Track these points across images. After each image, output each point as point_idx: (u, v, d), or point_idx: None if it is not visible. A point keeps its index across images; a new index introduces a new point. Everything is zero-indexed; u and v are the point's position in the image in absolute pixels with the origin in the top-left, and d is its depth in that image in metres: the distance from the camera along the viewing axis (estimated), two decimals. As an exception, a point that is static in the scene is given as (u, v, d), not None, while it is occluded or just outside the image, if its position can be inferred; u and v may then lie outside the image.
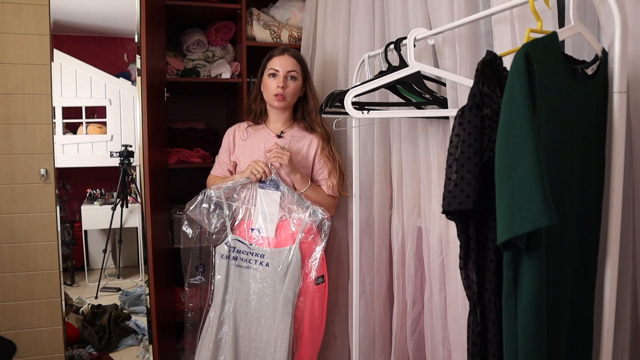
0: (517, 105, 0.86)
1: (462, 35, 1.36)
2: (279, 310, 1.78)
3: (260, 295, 1.83)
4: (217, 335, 1.82)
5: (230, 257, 1.85)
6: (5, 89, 2.14)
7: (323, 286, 1.89)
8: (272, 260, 1.82)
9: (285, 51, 1.86)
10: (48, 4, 2.17)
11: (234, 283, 1.85)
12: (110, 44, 4.87)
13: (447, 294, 1.49)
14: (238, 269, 1.85)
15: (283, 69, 1.83)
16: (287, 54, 1.86)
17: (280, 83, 1.82)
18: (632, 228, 1.06)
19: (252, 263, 1.84)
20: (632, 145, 1.03)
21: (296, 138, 1.91)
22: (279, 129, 1.93)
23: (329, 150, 1.90)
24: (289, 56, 1.85)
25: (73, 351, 2.80)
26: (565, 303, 1.00)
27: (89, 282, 4.32)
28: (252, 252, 1.84)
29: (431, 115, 1.51)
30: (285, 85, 1.83)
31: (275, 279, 1.81)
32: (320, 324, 1.90)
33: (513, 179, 0.85)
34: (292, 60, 1.85)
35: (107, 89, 4.44)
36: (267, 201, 1.82)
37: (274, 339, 1.78)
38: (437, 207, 1.52)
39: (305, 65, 1.91)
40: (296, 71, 1.85)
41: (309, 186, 1.85)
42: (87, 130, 4.46)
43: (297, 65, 1.86)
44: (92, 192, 4.55)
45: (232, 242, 1.85)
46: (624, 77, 0.96)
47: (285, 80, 1.83)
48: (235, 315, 1.83)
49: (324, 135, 1.90)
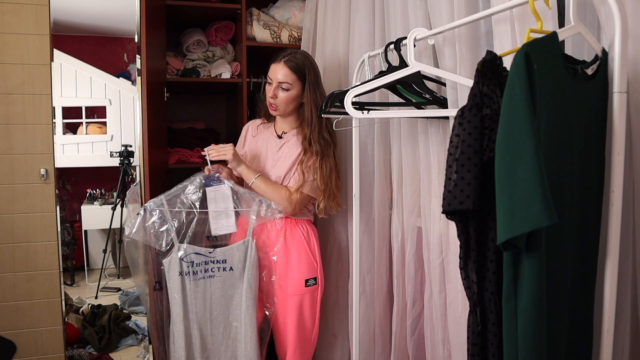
0: (517, 105, 0.86)
1: (462, 35, 1.36)
2: (244, 307, 1.75)
3: (228, 299, 1.77)
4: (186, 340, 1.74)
5: (185, 273, 1.71)
6: (5, 89, 2.14)
7: (315, 288, 1.85)
8: (232, 259, 1.76)
9: (283, 59, 1.77)
10: (48, 4, 2.17)
11: (192, 301, 1.73)
12: (110, 44, 4.87)
13: (447, 294, 1.49)
14: (196, 282, 1.73)
15: (275, 79, 1.78)
16: (284, 62, 1.77)
17: (270, 93, 1.78)
18: (632, 228, 1.06)
19: (216, 271, 1.75)
20: (632, 145, 1.03)
21: (292, 142, 1.88)
22: (282, 129, 1.93)
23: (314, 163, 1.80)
24: (284, 65, 1.77)
25: (73, 351, 2.80)
26: (565, 303, 1.00)
27: (89, 282, 4.32)
28: (213, 260, 1.74)
29: (431, 115, 1.51)
30: (275, 95, 1.78)
31: (238, 279, 1.76)
32: (311, 327, 1.87)
33: (513, 178, 0.85)
34: (286, 71, 1.76)
35: (107, 89, 4.44)
36: (219, 197, 1.76)
37: (242, 336, 1.76)
38: (437, 207, 1.52)
39: (305, 73, 1.78)
40: (288, 82, 1.77)
41: (256, 177, 1.80)
42: (87, 130, 4.46)
43: (291, 75, 1.77)
44: (92, 192, 4.55)
45: (187, 256, 1.71)
46: (624, 77, 0.96)
47: (276, 90, 1.78)
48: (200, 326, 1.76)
49: (318, 151, 1.79)
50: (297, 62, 1.78)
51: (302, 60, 1.79)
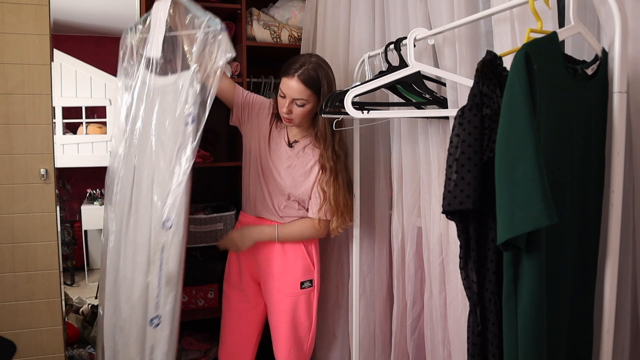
0: (517, 105, 0.86)
1: (462, 35, 1.36)
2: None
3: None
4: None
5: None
6: (5, 89, 2.14)
7: (310, 291, 1.84)
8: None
9: (296, 73, 1.66)
10: (48, 4, 2.17)
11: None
12: (110, 44, 4.85)
13: (447, 294, 1.49)
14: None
15: (289, 95, 1.68)
16: (297, 77, 1.66)
17: (285, 109, 1.71)
18: (632, 228, 1.06)
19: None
20: (632, 145, 1.04)
21: (305, 151, 1.81)
22: (294, 136, 1.84)
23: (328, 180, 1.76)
24: (298, 81, 1.66)
25: (73, 351, 2.80)
26: (565, 303, 1.00)
27: (89, 282, 4.32)
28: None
29: (431, 115, 1.51)
30: (290, 109, 1.71)
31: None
32: (308, 330, 1.85)
33: (513, 178, 0.85)
34: (300, 87, 1.66)
35: (107, 89, 4.43)
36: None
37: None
38: (437, 207, 1.52)
39: (319, 85, 1.68)
40: (304, 98, 1.68)
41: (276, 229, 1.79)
42: (87, 130, 4.45)
43: (306, 91, 1.67)
44: (92, 192, 4.55)
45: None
46: (624, 77, 0.96)
47: (290, 105, 1.70)
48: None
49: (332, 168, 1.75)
50: (311, 75, 1.67)
51: (317, 72, 1.68)
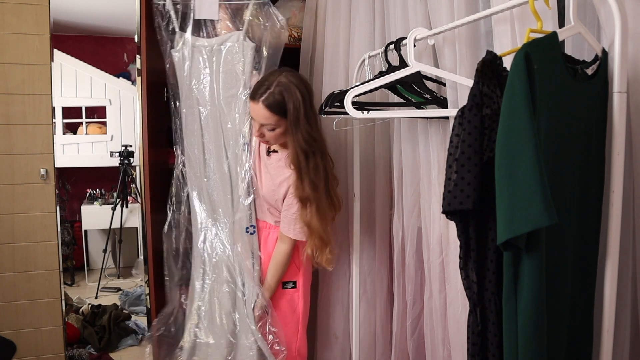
0: (517, 105, 0.86)
1: (462, 35, 1.36)
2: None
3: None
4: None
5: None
6: (5, 89, 2.14)
7: (293, 292, 1.80)
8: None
9: (261, 98, 1.57)
10: (48, 4, 2.17)
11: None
12: (110, 44, 4.87)
13: (447, 294, 1.49)
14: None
15: (257, 120, 1.63)
16: (262, 102, 1.57)
17: (256, 133, 1.65)
18: (632, 228, 1.06)
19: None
20: (632, 145, 1.03)
21: (279, 165, 1.75)
22: (273, 146, 1.78)
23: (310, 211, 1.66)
24: (264, 107, 1.57)
25: (73, 351, 2.80)
26: (565, 303, 1.00)
27: (89, 282, 4.32)
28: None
29: (431, 115, 1.51)
30: (262, 134, 1.66)
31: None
32: (294, 331, 1.80)
33: (513, 178, 0.85)
34: (266, 113, 1.58)
35: (107, 89, 4.44)
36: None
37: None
38: (437, 207, 1.52)
39: (286, 107, 1.57)
40: (271, 123, 1.60)
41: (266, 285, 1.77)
42: (87, 130, 4.46)
43: (273, 117, 1.58)
44: (92, 192, 4.55)
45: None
46: (624, 77, 0.96)
47: (261, 129, 1.63)
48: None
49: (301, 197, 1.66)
50: (276, 99, 1.57)
51: (282, 95, 1.57)
